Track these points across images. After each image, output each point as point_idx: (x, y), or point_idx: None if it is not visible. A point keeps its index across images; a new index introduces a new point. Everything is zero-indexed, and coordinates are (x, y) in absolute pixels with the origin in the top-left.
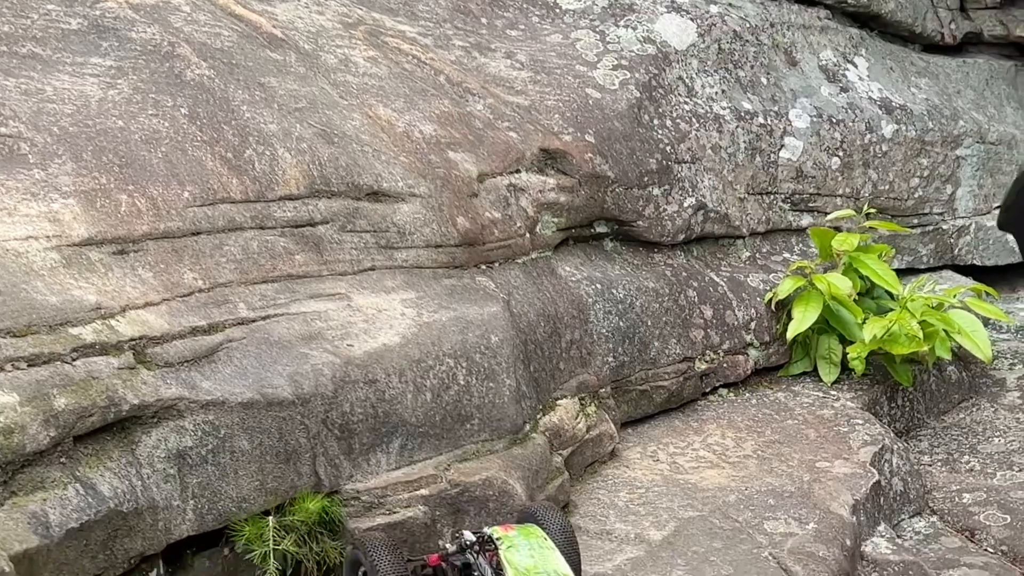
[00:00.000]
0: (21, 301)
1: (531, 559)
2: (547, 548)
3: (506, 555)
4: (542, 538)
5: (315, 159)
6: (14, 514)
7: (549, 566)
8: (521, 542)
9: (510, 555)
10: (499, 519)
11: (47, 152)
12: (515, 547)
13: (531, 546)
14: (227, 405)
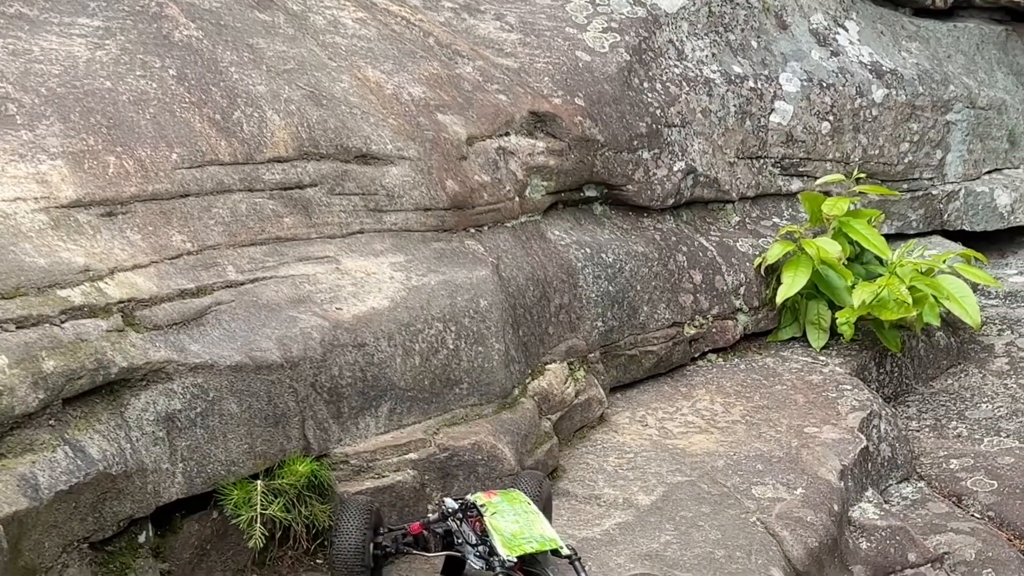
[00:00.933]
0: (9, 263)
1: (516, 524)
2: (531, 512)
3: (491, 521)
4: (526, 503)
5: (304, 121)
6: (3, 477)
7: (535, 530)
8: (506, 508)
9: (495, 521)
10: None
11: (34, 113)
12: (500, 513)
13: (516, 511)
14: (216, 368)
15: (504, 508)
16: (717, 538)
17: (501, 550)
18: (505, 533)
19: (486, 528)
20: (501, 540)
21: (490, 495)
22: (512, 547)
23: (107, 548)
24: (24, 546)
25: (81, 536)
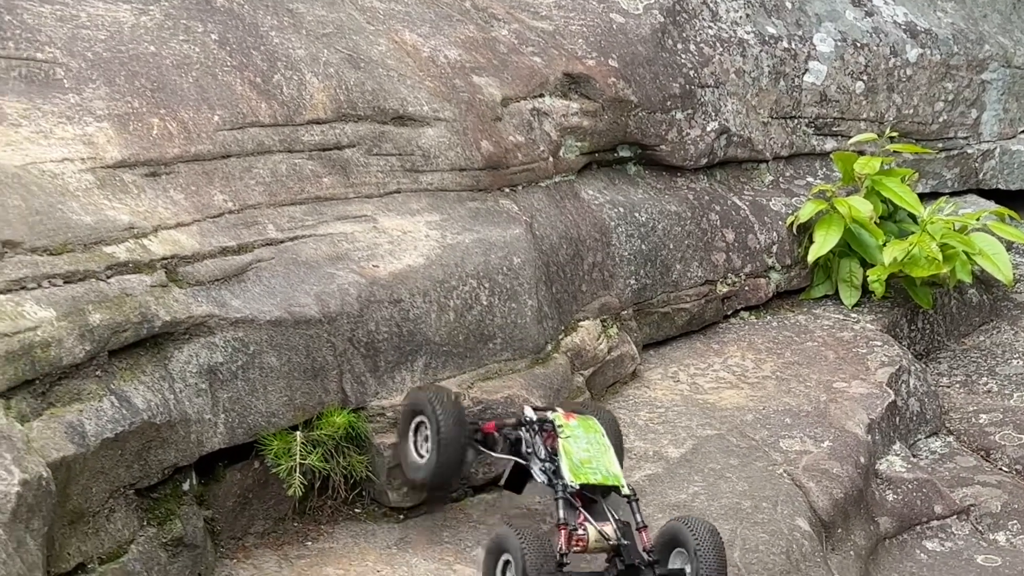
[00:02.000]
0: (57, 220)
1: (587, 452)
2: (603, 445)
3: (564, 444)
4: (600, 433)
5: (342, 84)
6: (52, 424)
7: (603, 463)
8: (580, 434)
9: (568, 444)
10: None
11: (81, 77)
12: (574, 437)
13: (589, 440)
14: (256, 323)
15: (579, 434)
16: (744, 489)
17: (567, 474)
18: (574, 458)
19: (557, 448)
20: (569, 465)
21: (569, 417)
22: (578, 474)
23: (152, 495)
24: (72, 491)
25: (127, 483)
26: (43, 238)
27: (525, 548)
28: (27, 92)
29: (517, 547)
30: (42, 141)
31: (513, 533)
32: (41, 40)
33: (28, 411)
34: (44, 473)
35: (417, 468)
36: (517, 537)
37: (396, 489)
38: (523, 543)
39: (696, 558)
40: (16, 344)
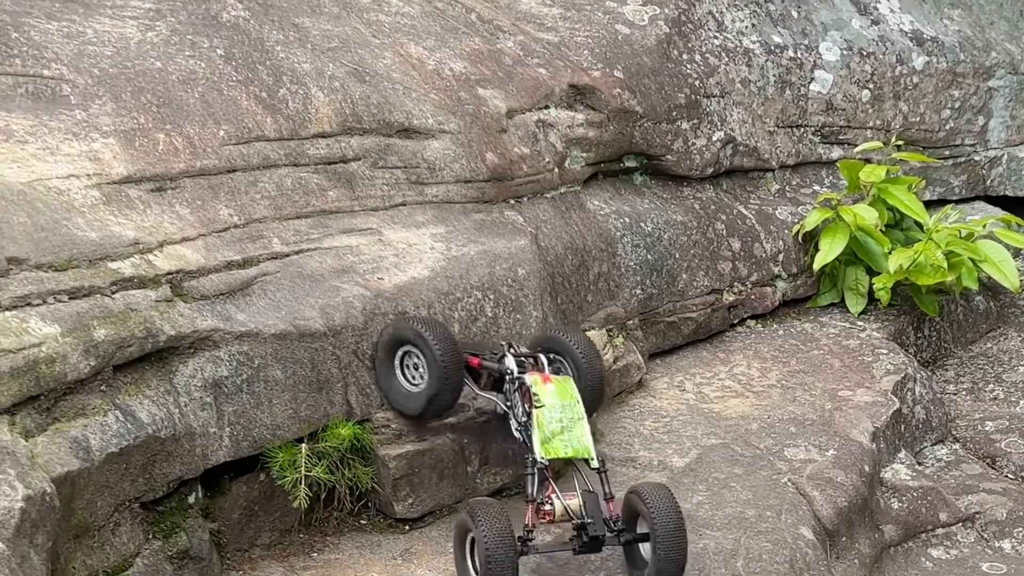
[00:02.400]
0: (62, 237)
1: (560, 423)
2: (577, 414)
3: (538, 415)
4: (575, 400)
5: (347, 97)
6: (56, 439)
7: (575, 435)
8: (555, 402)
9: (541, 416)
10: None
11: (88, 93)
12: (548, 407)
13: (563, 407)
14: (261, 336)
15: (554, 402)
16: (748, 498)
17: (537, 448)
18: (546, 430)
19: (532, 425)
20: (540, 438)
21: (546, 381)
22: (548, 448)
23: (158, 508)
24: (77, 505)
25: (132, 496)
26: (48, 254)
27: (485, 524)
28: (34, 109)
29: (479, 524)
30: (48, 158)
31: (475, 509)
32: (48, 57)
33: (33, 427)
34: (48, 488)
35: (411, 397)
36: (478, 514)
37: (401, 500)
38: (483, 520)
39: (651, 521)
40: (21, 360)
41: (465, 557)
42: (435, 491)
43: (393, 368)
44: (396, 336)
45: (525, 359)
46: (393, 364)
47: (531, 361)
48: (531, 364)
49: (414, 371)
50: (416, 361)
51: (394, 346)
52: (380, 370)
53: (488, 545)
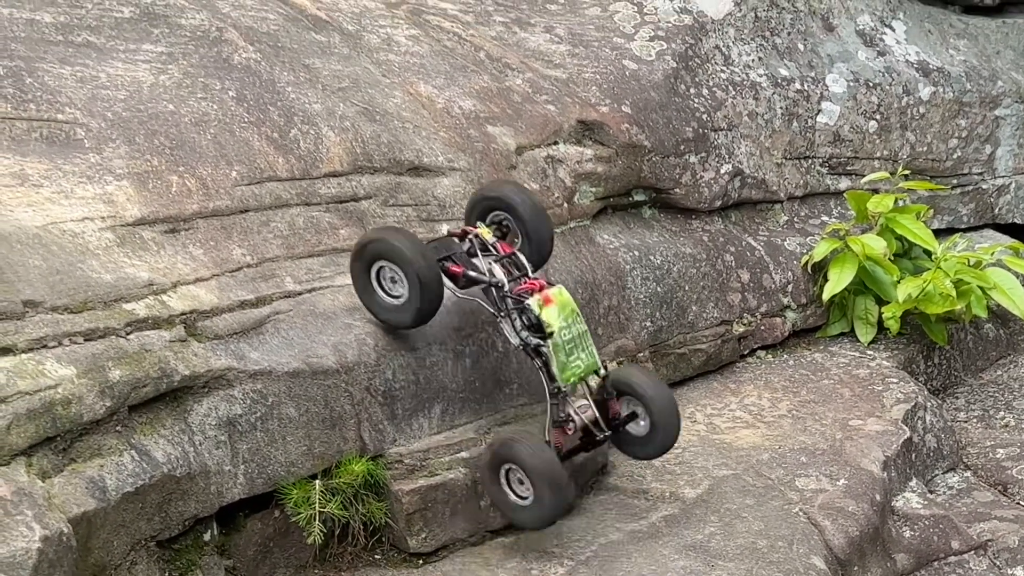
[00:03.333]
0: (77, 279)
1: (571, 343)
2: (581, 323)
3: (554, 343)
4: (575, 311)
5: (358, 136)
6: (73, 480)
7: (583, 347)
8: (563, 322)
9: (557, 341)
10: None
11: (101, 136)
12: (560, 329)
13: (569, 324)
14: (274, 374)
15: (561, 324)
16: (760, 529)
17: (558, 376)
18: (563, 356)
19: (548, 354)
20: (559, 366)
21: (547, 302)
22: (566, 373)
23: (174, 546)
24: (93, 545)
25: (148, 535)
26: (64, 297)
27: (529, 452)
28: (48, 153)
29: (518, 451)
30: (63, 201)
31: (511, 440)
32: (62, 101)
33: (49, 467)
34: (65, 529)
35: (393, 310)
36: (515, 442)
37: (415, 535)
38: (527, 448)
39: (643, 396)
40: (37, 402)
41: (502, 487)
42: (448, 525)
43: (371, 285)
44: (366, 254)
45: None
46: (370, 281)
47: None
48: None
49: (392, 284)
50: (394, 275)
51: (366, 264)
52: (361, 290)
53: (540, 469)
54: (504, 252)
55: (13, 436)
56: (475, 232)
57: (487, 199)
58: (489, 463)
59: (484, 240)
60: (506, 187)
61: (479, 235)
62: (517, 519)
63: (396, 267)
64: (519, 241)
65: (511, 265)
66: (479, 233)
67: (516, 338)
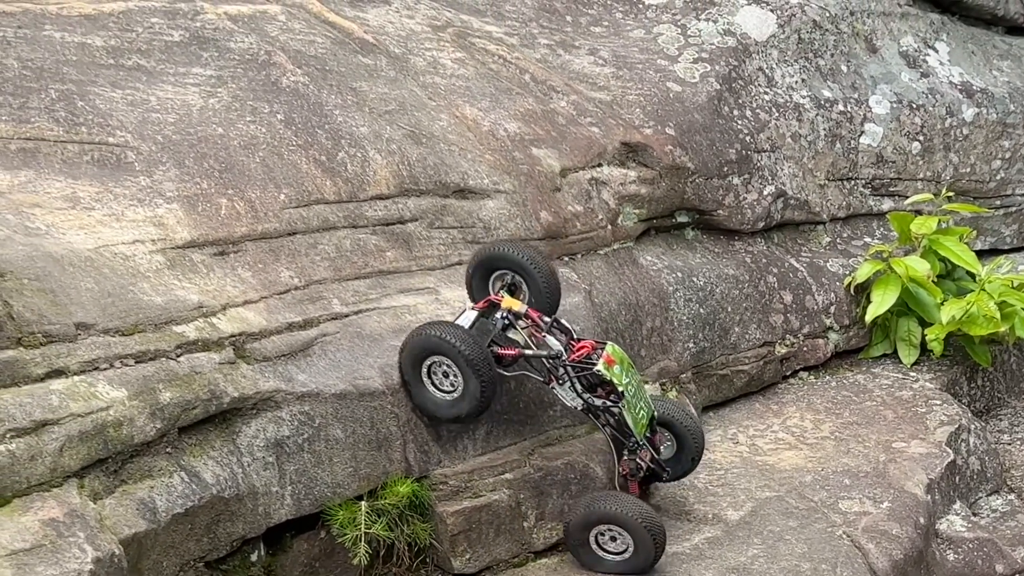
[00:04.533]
0: (128, 302)
1: (635, 397)
2: (639, 379)
3: (626, 404)
4: (630, 363)
5: (404, 159)
6: (124, 501)
7: (642, 397)
8: (626, 378)
9: (628, 401)
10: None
11: (152, 160)
12: (627, 387)
13: (630, 376)
14: (321, 396)
15: (626, 380)
16: (803, 551)
17: (635, 431)
18: (635, 412)
19: (620, 412)
20: (633, 420)
21: (610, 363)
22: (639, 426)
23: (221, 567)
24: (143, 566)
25: (197, 556)
26: (115, 319)
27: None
28: (99, 176)
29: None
30: (114, 224)
31: (596, 498)
32: (112, 124)
33: (101, 489)
34: (116, 551)
35: (450, 405)
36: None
37: (459, 556)
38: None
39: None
40: (89, 424)
41: (594, 552)
42: (492, 546)
43: (422, 382)
44: (415, 348)
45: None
46: (421, 378)
47: (531, 323)
48: (535, 329)
49: (445, 378)
50: (446, 369)
51: (418, 358)
52: (412, 386)
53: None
54: (539, 318)
55: (66, 458)
56: (506, 307)
57: (491, 259)
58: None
59: (517, 312)
60: (509, 247)
61: (512, 310)
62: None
63: (450, 365)
64: (526, 295)
65: (558, 331)
66: (511, 308)
67: (577, 401)
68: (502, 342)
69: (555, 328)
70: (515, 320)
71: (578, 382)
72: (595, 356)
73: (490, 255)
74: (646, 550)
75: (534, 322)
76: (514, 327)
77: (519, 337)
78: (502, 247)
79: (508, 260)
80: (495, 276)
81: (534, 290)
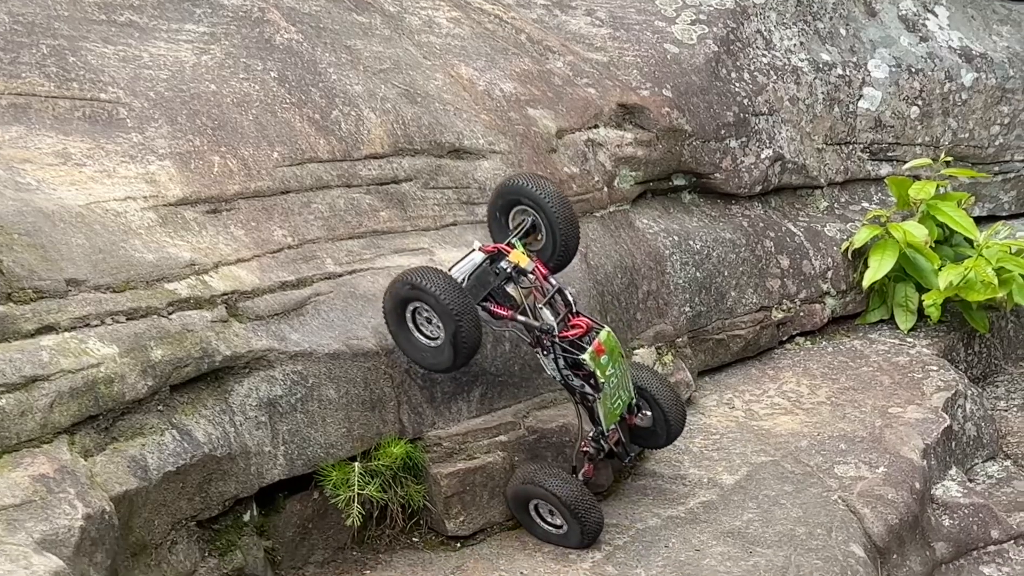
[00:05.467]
0: (120, 258)
1: (615, 387)
2: (624, 368)
3: (604, 395)
4: (621, 352)
5: (399, 119)
6: (115, 458)
7: (623, 386)
8: (612, 369)
9: (607, 391)
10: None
11: (144, 116)
12: (609, 379)
13: (615, 367)
14: (315, 356)
15: (611, 370)
16: (798, 516)
17: (603, 421)
18: (610, 403)
19: (594, 402)
20: (604, 411)
21: (599, 352)
22: (610, 417)
23: (214, 526)
24: (135, 523)
25: (189, 515)
26: (106, 276)
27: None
28: (91, 132)
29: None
30: (105, 180)
31: (536, 471)
32: (104, 81)
33: (92, 446)
34: (107, 507)
35: (433, 353)
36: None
37: (453, 518)
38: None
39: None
40: (80, 381)
41: (533, 521)
42: (486, 509)
43: (407, 327)
44: (397, 296)
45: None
46: (405, 323)
47: (537, 285)
48: (538, 292)
49: (427, 324)
50: (428, 315)
51: (400, 306)
52: (396, 331)
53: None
54: (542, 277)
55: (56, 414)
56: (511, 259)
57: (511, 191)
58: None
59: (522, 268)
60: (533, 181)
61: (518, 265)
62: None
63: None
64: (543, 238)
65: (558, 302)
66: (517, 263)
67: (556, 373)
68: (499, 297)
69: (557, 296)
70: (518, 276)
71: (563, 358)
72: (587, 340)
73: (510, 187)
74: (576, 532)
75: (539, 281)
76: (515, 283)
77: (517, 295)
78: (523, 181)
79: (528, 196)
80: (515, 211)
81: (549, 235)
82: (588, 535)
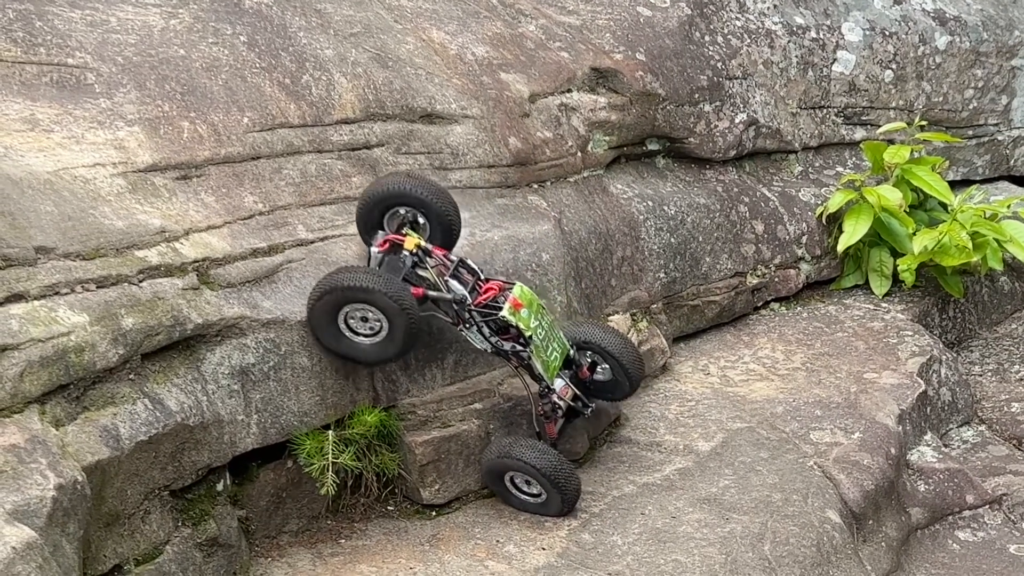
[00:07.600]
0: (89, 226)
1: (546, 340)
2: (547, 315)
3: (535, 349)
4: (539, 304)
5: (370, 83)
6: (86, 428)
7: (554, 338)
8: (535, 322)
9: (537, 345)
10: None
11: (112, 82)
12: (535, 331)
13: (540, 320)
14: (287, 323)
15: (534, 323)
16: (774, 482)
17: (547, 377)
18: (545, 355)
19: (529, 357)
20: (543, 365)
21: (517, 306)
22: (551, 371)
23: (187, 496)
24: (107, 493)
25: (162, 484)
26: (75, 243)
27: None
28: (58, 98)
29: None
30: (74, 146)
31: (512, 445)
32: (72, 45)
33: (63, 415)
34: (79, 477)
35: (378, 349)
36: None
37: (428, 486)
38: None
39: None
40: (50, 349)
41: (510, 491)
42: (461, 477)
43: (337, 325)
44: (329, 294)
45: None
46: (336, 322)
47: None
48: (442, 267)
49: (363, 322)
50: (367, 313)
51: (333, 307)
52: (324, 332)
53: (552, 471)
54: (445, 257)
55: (26, 383)
56: (415, 244)
57: (388, 197)
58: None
59: (425, 249)
60: (406, 181)
61: (420, 246)
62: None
63: (371, 309)
64: (427, 230)
65: (464, 272)
66: (419, 245)
67: (486, 344)
68: (413, 280)
69: (461, 268)
70: (423, 258)
71: (486, 326)
72: (501, 299)
73: (387, 192)
74: (556, 501)
75: (441, 261)
76: (422, 265)
77: (428, 275)
78: (401, 182)
79: (408, 197)
80: (390, 214)
81: (434, 225)
82: (568, 503)
